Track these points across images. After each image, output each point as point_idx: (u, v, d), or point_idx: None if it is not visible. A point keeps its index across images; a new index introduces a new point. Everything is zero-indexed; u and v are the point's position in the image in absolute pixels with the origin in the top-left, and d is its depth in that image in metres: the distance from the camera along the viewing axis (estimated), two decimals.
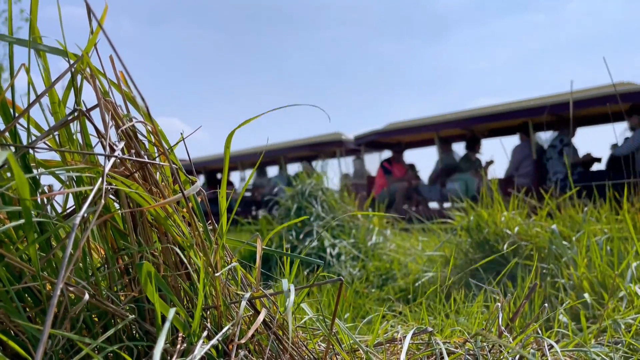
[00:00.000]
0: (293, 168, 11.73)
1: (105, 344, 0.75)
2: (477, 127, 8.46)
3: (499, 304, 1.28)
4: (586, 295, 1.73)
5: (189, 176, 0.94)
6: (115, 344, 0.77)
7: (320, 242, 3.27)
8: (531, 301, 1.73)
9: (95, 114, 0.82)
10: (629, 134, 6.52)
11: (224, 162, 0.94)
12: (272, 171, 12.29)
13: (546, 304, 1.37)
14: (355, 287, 2.57)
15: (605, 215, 2.46)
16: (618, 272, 1.68)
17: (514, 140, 7.73)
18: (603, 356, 1.16)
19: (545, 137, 7.80)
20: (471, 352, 1.11)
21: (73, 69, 0.80)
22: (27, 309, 0.76)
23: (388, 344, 1.21)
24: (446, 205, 8.07)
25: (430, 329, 1.18)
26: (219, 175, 12.79)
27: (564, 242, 2.29)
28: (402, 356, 1.00)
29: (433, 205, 8.46)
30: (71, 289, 0.73)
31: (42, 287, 0.74)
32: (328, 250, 3.16)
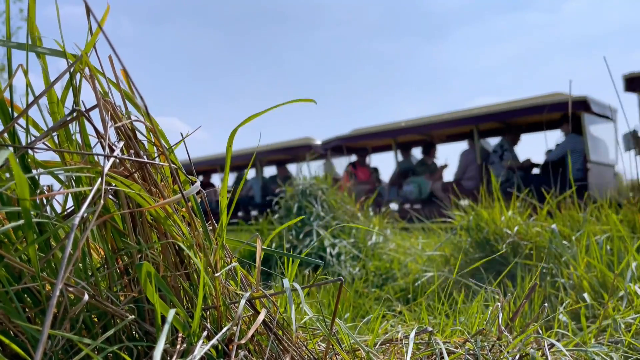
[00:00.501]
0: (269, 171, 12.18)
1: (105, 345, 0.75)
2: (434, 133, 9.09)
3: (499, 304, 1.28)
4: (585, 295, 1.73)
5: (189, 176, 0.93)
6: (115, 345, 0.77)
7: (320, 241, 3.26)
8: (531, 301, 1.73)
9: (94, 115, 0.82)
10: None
11: (226, 161, 0.94)
12: (249, 174, 12.82)
13: (546, 304, 1.37)
14: (356, 287, 2.57)
15: (605, 214, 2.46)
16: (618, 271, 1.68)
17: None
18: (603, 355, 1.16)
19: (493, 142, 8.47)
20: (471, 351, 1.11)
21: (72, 70, 0.80)
22: (27, 310, 0.76)
23: (388, 344, 1.21)
24: (406, 206, 8.63)
25: (430, 328, 1.18)
26: (200, 178, 13.24)
27: (564, 242, 2.29)
28: (408, 356, 1.00)
29: (393, 206, 8.93)
30: (71, 289, 0.73)
31: (42, 287, 0.74)
32: (328, 250, 3.16)
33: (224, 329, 0.83)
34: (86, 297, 0.71)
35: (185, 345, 0.80)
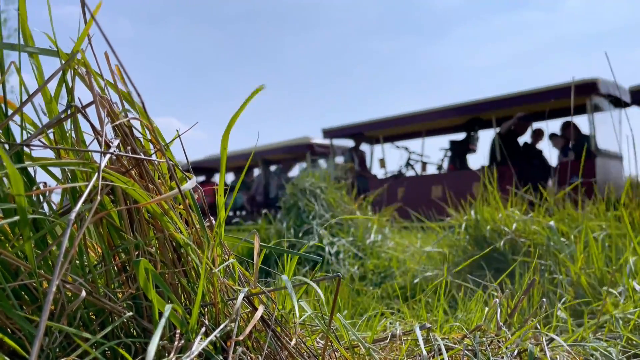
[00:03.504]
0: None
1: (103, 341, 0.75)
2: (257, 158, 13.29)
3: (497, 300, 1.28)
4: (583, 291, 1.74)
5: (186, 173, 0.93)
6: (112, 341, 0.77)
7: (319, 240, 3.26)
8: (529, 297, 1.73)
9: (90, 112, 0.82)
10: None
11: (221, 161, 0.94)
12: None
13: (544, 299, 1.37)
14: (355, 285, 2.57)
15: (603, 211, 2.47)
16: (616, 267, 1.68)
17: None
18: (602, 350, 1.16)
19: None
20: (470, 347, 1.11)
21: (65, 67, 0.80)
22: (24, 307, 0.76)
23: (387, 341, 1.20)
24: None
25: (428, 325, 1.18)
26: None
27: (562, 239, 2.29)
28: (423, 350, 1.00)
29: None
30: (68, 286, 0.73)
31: (39, 284, 0.73)
32: (327, 248, 3.16)
33: (222, 325, 0.83)
34: (83, 293, 0.71)
35: (183, 341, 0.80)
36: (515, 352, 1.09)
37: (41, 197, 0.80)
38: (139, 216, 0.85)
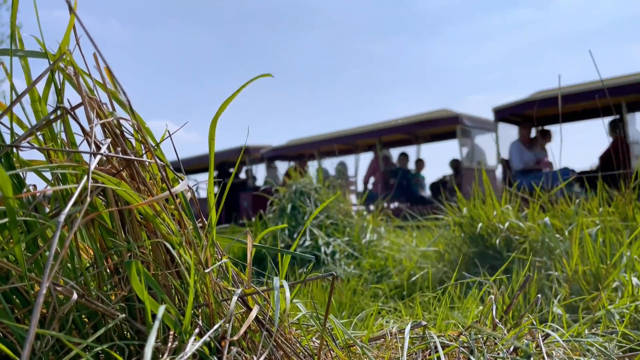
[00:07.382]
0: None
1: (95, 344, 0.74)
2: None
3: (493, 297, 1.28)
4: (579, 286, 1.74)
5: (177, 173, 0.93)
6: (105, 344, 0.76)
7: (314, 240, 3.26)
8: (525, 294, 1.73)
9: (79, 113, 0.81)
10: None
11: (210, 156, 0.94)
12: None
13: (539, 295, 1.37)
14: (351, 285, 2.57)
15: (596, 207, 2.48)
16: (611, 262, 1.68)
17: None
18: (597, 346, 1.16)
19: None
20: (465, 344, 1.11)
21: (52, 67, 0.79)
22: (15, 311, 0.75)
23: (382, 339, 1.20)
24: None
25: (424, 322, 1.17)
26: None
27: (557, 235, 2.30)
28: (405, 349, 1.00)
29: None
30: (59, 289, 0.72)
31: (30, 287, 0.73)
32: (322, 248, 3.16)
33: (216, 326, 0.82)
34: (75, 296, 0.70)
35: (177, 343, 0.79)
36: (512, 349, 1.09)
37: (31, 199, 0.79)
38: (130, 218, 0.84)
